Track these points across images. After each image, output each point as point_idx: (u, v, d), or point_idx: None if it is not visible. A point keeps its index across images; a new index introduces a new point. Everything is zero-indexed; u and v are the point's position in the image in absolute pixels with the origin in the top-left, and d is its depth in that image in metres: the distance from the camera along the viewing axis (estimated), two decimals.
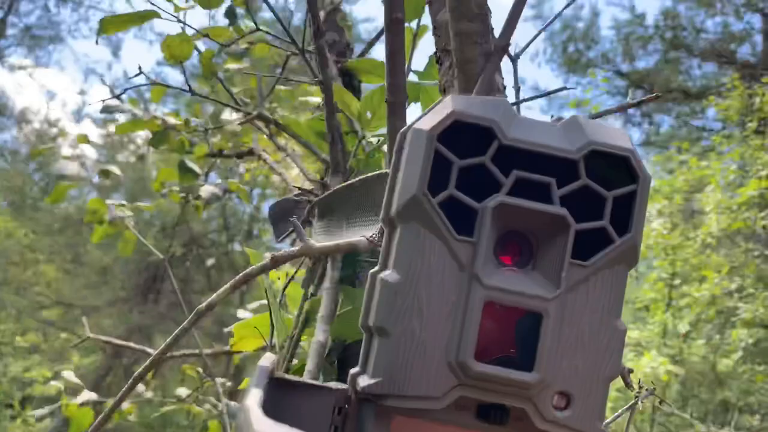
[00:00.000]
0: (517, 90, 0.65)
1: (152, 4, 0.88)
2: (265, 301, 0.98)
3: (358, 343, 0.58)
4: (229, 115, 1.47)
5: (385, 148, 0.75)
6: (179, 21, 0.91)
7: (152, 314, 6.01)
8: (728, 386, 4.09)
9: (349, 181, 0.55)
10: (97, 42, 0.97)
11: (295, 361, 0.68)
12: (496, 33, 0.52)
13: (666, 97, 6.42)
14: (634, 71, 6.90)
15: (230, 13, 0.89)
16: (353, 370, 0.38)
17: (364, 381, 0.36)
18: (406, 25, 0.83)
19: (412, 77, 0.88)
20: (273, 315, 0.68)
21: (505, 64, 0.74)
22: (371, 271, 0.38)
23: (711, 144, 5.28)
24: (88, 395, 1.60)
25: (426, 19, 0.80)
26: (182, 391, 1.58)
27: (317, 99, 1.06)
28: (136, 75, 0.94)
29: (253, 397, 0.28)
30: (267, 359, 0.33)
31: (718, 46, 6.49)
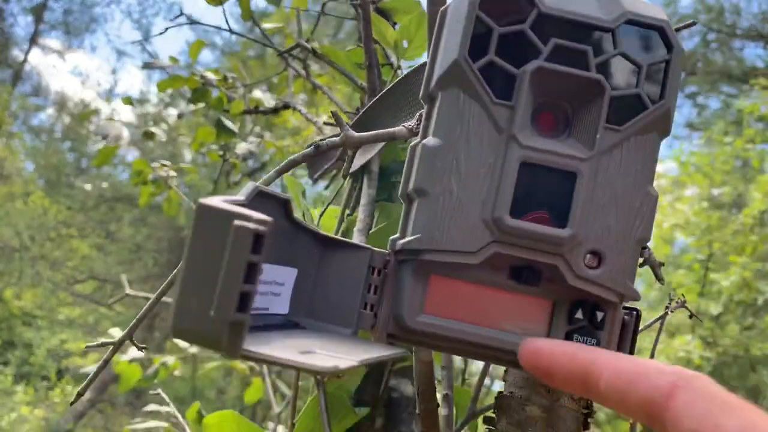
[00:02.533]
0: None
1: None
2: None
3: None
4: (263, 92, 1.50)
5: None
6: None
7: None
8: (761, 371, 4.04)
9: (380, 93, 0.56)
10: None
11: None
12: None
13: (708, 79, 6.31)
14: None
15: None
16: (393, 237, 0.40)
17: (404, 239, 0.37)
18: None
19: None
20: None
21: None
22: (411, 143, 0.40)
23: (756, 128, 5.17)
24: (135, 352, 1.64)
25: None
26: None
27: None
28: (178, 16, 0.96)
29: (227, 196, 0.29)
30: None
31: (761, 26, 6.35)
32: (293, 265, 0.37)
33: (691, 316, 0.58)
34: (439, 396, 0.57)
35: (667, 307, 0.56)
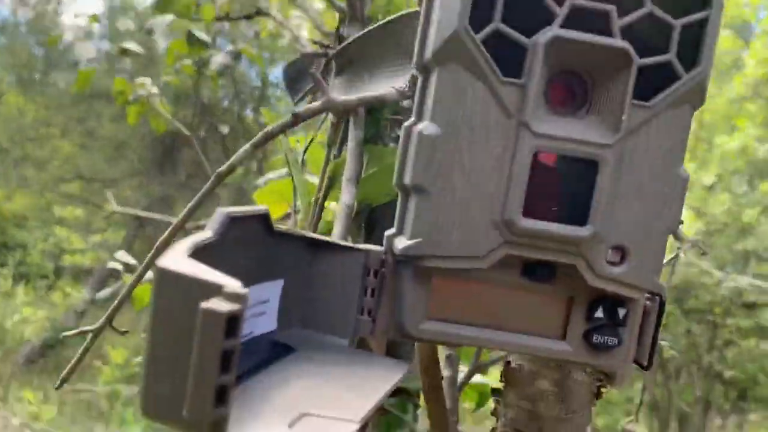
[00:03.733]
0: None
1: None
2: (285, 171, 0.95)
3: (386, 205, 0.55)
4: None
5: None
6: None
7: (172, 184, 6.07)
8: (751, 236, 4.09)
9: (370, 27, 0.50)
10: None
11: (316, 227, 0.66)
12: None
13: None
14: None
15: None
16: (389, 232, 0.35)
17: (401, 243, 0.33)
18: None
19: None
20: (295, 178, 0.65)
21: None
22: (405, 123, 0.34)
23: None
24: (149, 274, 1.63)
25: None
26: None
27: None
28: None
29: (191, 239, 0.25)
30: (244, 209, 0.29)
31: None
32: (278, 276, 0.33)
33: (703, 253, 0.55)
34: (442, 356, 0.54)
35: (678, 248, 0.53)
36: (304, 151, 0.72)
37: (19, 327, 5.12)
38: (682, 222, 0.46)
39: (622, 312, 0.34)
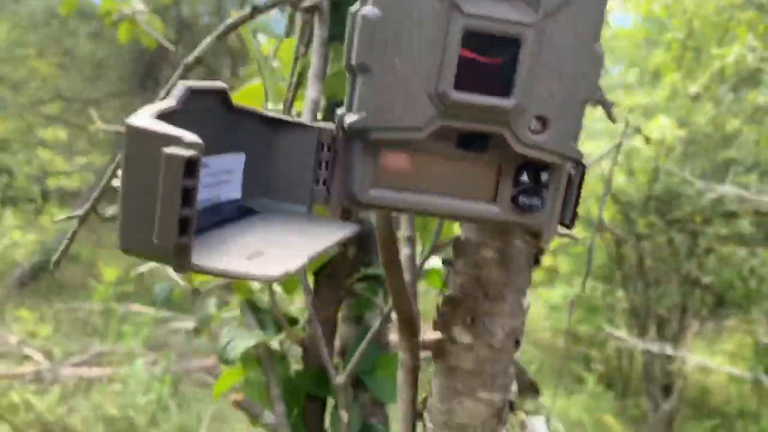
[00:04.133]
0: None
1: None
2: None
3: None
4: None
5: None
6: None
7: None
8: (733, 145, 4.13)
9: None
10: None
11: None
12: None
13: None
14: None
15: None
16: (339, 110, 0.39)
17: (350, 118, 0.37)
18: None
19: None
20: (265, 80, 0.68)
21: None
22: (351, 9, 0.38)
23: None
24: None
25: None
26: None
27: None
28: None
29: (156, 105, 0.28)
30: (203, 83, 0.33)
31: None
32: (240, 150, 0.37)
33: (647, 141, 0.59)
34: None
35: (623, 133, 0.57)
36: (275, 53, 0.75)
37: (10, 251, 5.16)
38: (613, 103, 0.51)
39: (545, 176, 0.38)
